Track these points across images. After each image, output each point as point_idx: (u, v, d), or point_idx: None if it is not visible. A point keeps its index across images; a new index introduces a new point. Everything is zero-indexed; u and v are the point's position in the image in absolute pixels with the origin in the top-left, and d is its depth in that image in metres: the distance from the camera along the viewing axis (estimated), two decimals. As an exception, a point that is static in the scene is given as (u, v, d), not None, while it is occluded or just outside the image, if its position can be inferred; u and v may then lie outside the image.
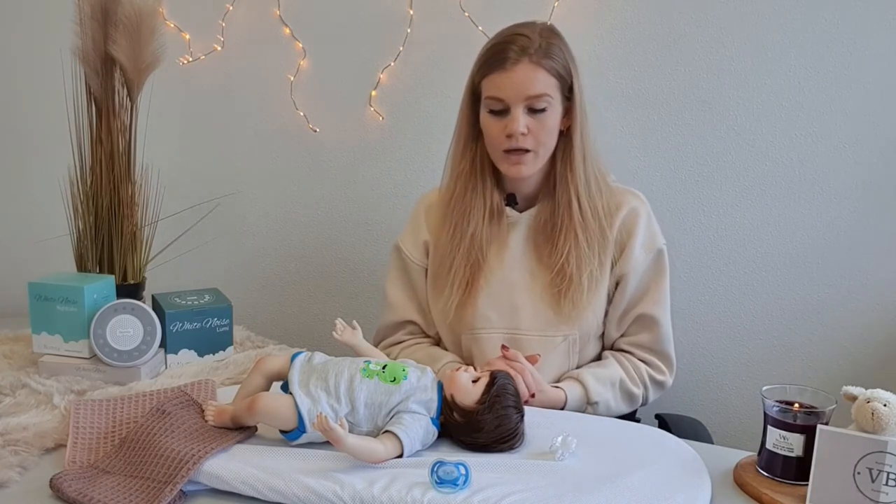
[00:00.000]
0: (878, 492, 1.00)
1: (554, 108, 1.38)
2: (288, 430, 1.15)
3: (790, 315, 1.90)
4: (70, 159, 1.67)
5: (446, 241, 1.47)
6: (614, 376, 1.45)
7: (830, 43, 1.77)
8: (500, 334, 1.45)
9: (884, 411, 1.04)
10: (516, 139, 1.37)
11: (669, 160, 1.88)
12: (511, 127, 1.36)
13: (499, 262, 1.46)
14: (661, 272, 1.48)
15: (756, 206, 1.87)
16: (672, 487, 1.08)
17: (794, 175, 1.84)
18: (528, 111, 1.37)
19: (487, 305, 1.45)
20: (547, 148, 1.40)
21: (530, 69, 1.35)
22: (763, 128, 1.83)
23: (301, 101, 1.99)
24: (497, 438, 1.17)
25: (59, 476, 1.07)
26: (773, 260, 1.88)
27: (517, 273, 1.46)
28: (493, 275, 1.46)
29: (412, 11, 1.90)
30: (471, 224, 1.44)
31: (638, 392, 1.46)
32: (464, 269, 1.45)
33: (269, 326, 2.06)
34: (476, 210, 1.45)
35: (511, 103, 1.36)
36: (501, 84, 1.36)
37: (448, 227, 1.47)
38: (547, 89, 1.36)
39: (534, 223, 1.46)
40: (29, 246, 2.00)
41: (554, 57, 1.37)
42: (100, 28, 1.60)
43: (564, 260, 1.41)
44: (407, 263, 1.54)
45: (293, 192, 2.06)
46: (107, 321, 1.45)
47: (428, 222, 1.54)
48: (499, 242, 1.47)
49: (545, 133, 1.38)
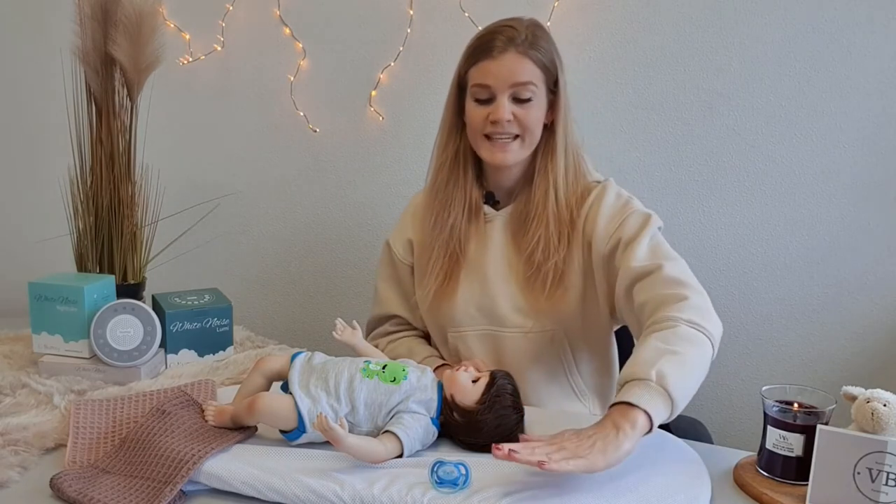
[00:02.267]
0: (878, 492, 1.00)
1: (539, 99, 1.38)
2: (288, 430, 1.15)
3: (790, 315, 1.90)
4: (70, 159, 1.67)
5: (428, 230, 1.48)
6: (665, 349, 1.12)
7: (830, 43, 1.77)
8: (482, 331, 1.46)
9: (884, 411, 1.04)
10: (501, 125, 1.36)
11: (669, 160, 1.89)
12: (496, 113, 1.36)
13: (479, 257, 1.46)
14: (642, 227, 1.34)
15: (756, 206, 1.87)
16: (672, 487, 1.08)
17: (794, 175, 1.84)
18: (513, 100, 1.37)
19: (468, 301, 1.46)
20: (533, 137, 1.40)
21: (517, 58, 1.35)
22: (763, 128, 1.83)
23: (301, 101, 1.99)
24: (497, 438, 1.16)
25: (59, 476, 1.07)
26: (772, 259, 1.88)
27: (496, 267, 1.45)
28: (473, 270, 1.46)
29: (412, 11, 1.90)
30: (451, 215, 1.45)
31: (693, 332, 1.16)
32: (442, 260, 1.45)
33: (269, 326, 2.06)
34: (457, 202, 1.45)
35: (497, 91, 1.36)
36: (488, 72, 1.36)
37: (430, 217, 1.48)
38: (532, 78, 1.36)
39: (511, 217, 1.46)
40: (29, 246, 2.00)
41: (540, 48, 1.37)
42: (100, 28, 1.60)
43: (534, 247, 1.40)
44: (394, 260, 1.56)
45: (293, 192, 2.06)
46: (107, 321, 1.45)
47: (414, 222, 1.55)
48: (478, 239, 1.47)
49: (531, 120, 1.38)
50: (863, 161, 1.81)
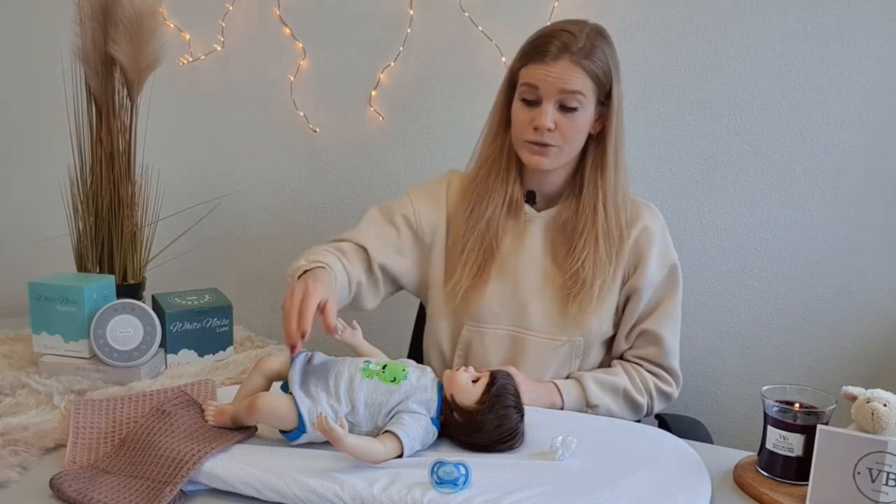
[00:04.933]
0: (878, 492, 1.00)
1: (585, 110, 1.37)
2: (288, 431, 1.15)
3: (790, 315, 1.90)
4: (70, 159, 1.67)
5: (462, 221, 1.46)
6: (618, 384, 1.45)
7: (830, 43, 1.77)
8: (505, 331, 1.45)
9: (884, 411, 1.04)
10: (541, 133, 1.36)
11: (669, 160, 1.88)
12: (538, 120, 1.35)
13: (513, 256, 1.45)
14: (673, 288, 1.48)
15: (755, 206, 1.87)
16: (672, 487, 1.08)
17: (794, 175, 1.84)
18: (558, 107, 1.35)
19: (495, 299, 1.44)
20: (572, 147, 1.39)
21: (569, 67, 1.34)
22: (763, 128, 1.83)
23: (301, 101, 1.99)
24: (497, 438, 1.17)
25: (59, 476, 1.07)
26: (772, 259, 1.88)
27: (530, 271, 1.45)
28: (505, 267, 1.45)
29: (412, 11, 1.90)
30: (489, 207, 1.43)
31: (643, 401, 1.46)
32: (476, 252, 1.44)
33: (269, 326, 2.06)
34: (496, 195, 1.43)
35: (543, 95, 1.35)
36: (538, 75, 1.35)
37: (466, 207, 1.46)
38: (582, 88, 1.35)
39: (553, 222, 1.45)
40: (29, 246, 2.00)
41: (595, 59, 1.35)
42: (100, 28, 1.60)
43: (580, 265, 1.40)
44: (408, 218, 1.49)
45: (293, 192, 2.06)
46: (107, 321, 1.45)
47: (448, 196, 1.51)
48: (515, 236, 1.46)
49: (573, 132, 1.37)
50: (863, 161, 1.81)
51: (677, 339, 1.50)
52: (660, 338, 1.47)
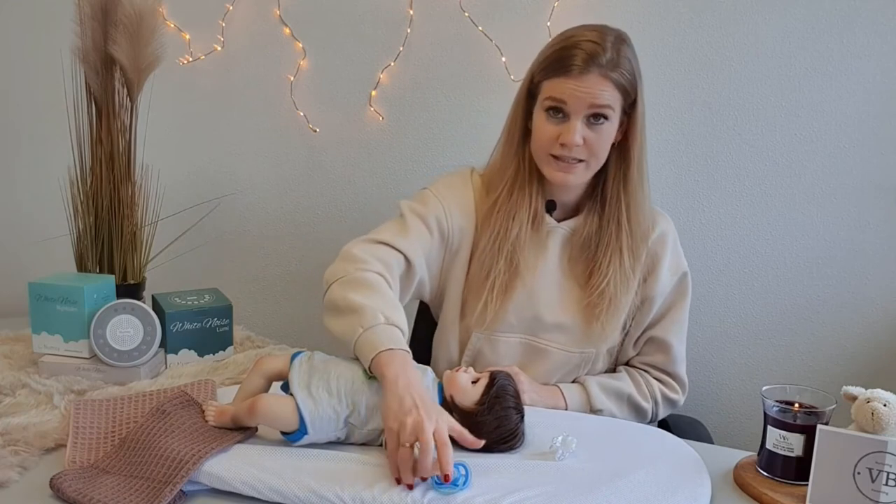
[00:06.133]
0: (878, 492, 1.00)
1: (612, 122, 1.33)
2: (289, 432, 1.15)
3: (790, 315, 1.90)
4: (70, 159, 1.67)
5: (489, 244, 1.40)
6: (622, 389, 1.45)
7: (830, 43, 1.77)
8: (517, 339, 1.44)
9: (884, 411, 1.04)
10: (569, 149, 1.32)
11: (669, 160, 1.88)
12: (566, 136, 1.30)
13: (532, 268, 1.42)
14: (683, 296, 1.48)
15: (756, 207, 1.87)
16: (672, 487, 1.08)
17: (794, 175, 1.84)
18: (586, 121, 1.31)
19: (511, 309, 1.42)
20: (599, 160, 1.36)
21: (598, 81, 1.28)
22: (763, 128, 1.83)
23: (301, 101, 1.99)
24: (497, 439, 1.17)
25: (59, 476, 1.07)
26: (772, 260, 1.88)
27: (548, 281, 1.43)
28: (524, 278, 1.42)
29: (412, 11, 1.90)
30: (515, 227, 1.39)
31: (647, 407, 1.46)
32: (503, 274, 1.39)
33: (269, 326, 2.06)
34: (521, 213, 1.39)
35: (572, 111, 1.30)
36: (566, 90, 1.29)
37: (491, 231, 1.40)
38: (611, 102, 1.30)
39: (574, 236, 1.43)
40: (29, 246, 2.00)
41: (623, 70, 1.30)
42: (100, 28, 1.60)
43: (607, 283, 1.38)
44: (440, 221, 1.42)
45: (293, 192, 2.06)
46: (107, 321, 1.45)
47: (477, 201, 1.44)
48: (536, 249, 1.42)
49: (600, 145, 1.33)
50: (863, 161, 1.81)
51: (684, 347, 1.50)
52: (668, 345, 1.47)
